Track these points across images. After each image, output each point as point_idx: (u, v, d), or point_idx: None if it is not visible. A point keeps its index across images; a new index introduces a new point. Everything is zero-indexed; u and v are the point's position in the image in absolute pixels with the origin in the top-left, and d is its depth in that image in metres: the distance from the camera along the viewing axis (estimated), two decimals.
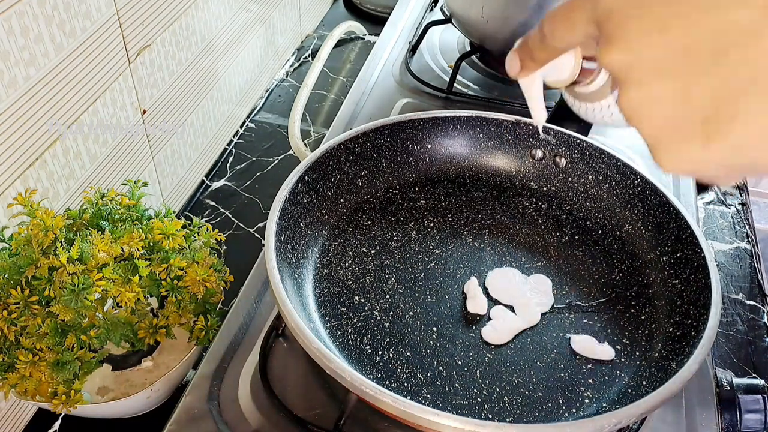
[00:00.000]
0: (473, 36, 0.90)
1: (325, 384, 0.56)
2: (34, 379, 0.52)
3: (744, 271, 0.77)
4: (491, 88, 0.92)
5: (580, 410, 0.51)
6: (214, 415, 0.54)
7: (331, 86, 1.07)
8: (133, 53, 0.70)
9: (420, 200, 0.67)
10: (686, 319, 0.53)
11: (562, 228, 0.65)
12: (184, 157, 0.85)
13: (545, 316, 0.57)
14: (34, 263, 0.53)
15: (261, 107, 1.03)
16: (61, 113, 0.61)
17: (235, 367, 0.57)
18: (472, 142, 0.69)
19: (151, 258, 0.56)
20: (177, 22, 0.76)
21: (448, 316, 0.57)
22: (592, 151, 0.66)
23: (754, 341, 0.70)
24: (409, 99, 0.88)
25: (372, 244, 0.62)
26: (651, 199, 0.62)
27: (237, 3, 0.89)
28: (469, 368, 0.53)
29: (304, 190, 0.60)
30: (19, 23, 0.54)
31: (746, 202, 0.86)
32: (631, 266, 0.61)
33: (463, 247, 0.63)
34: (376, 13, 1.23)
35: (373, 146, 0.66)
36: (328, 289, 0.58)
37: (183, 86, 0.81)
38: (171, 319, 0.56)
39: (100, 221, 0.58)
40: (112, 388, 0.61)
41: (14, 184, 0.58)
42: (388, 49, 0.98)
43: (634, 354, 0.54)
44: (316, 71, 1.02)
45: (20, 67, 0.55)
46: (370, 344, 0.54)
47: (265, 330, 0.59)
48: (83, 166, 0.66)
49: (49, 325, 0.52)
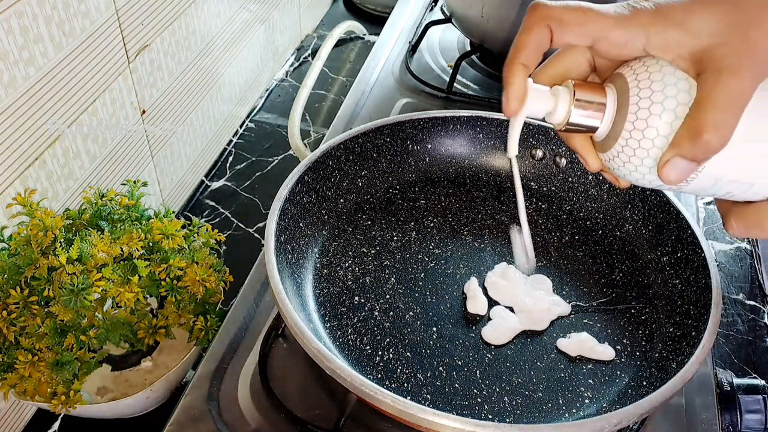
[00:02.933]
0: (473, 36, 0.90)
1: (325, 384, 0.55)
2: (33, 379, 0.52)
3: (744, 271, 0.77)
4: (491, 88, 0.91)
5: (580, 410, 0.51)
6: (213, 415, 0.53)
7: (331, 86, 1.07)
8: (132, 53, 0.70)
9: (420, 200, 0.67)
10: (686, 320, 0.53)
11: (562, 228, 0.65)
12: (184, 157, 0.85)
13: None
14: (34, 263, 0.53)
15: (261, 107, 1.03)
16: (61, 113, 0.61)
17: (235, 367, 0.57)
18: (472, 142, 0.69)
19: (151, 258, 0.56)
20: (176, 22, 0.76)
21: (448, 316, 0.57)
22: None
23: (755, 341, 0.70)
24: (409, 99, 0.88)
25: (372, 244, 0.62)
26: (651, 199, 0.62)
27: (237, 2, 0.89)
28: (469, 368, 0.53)
29: (304, 190, 0.60)
30: (19, 23, 0.54)
31: None
32: (631, 266, 0.61)
33: (463, 247, 0.63)
34: (376, 12, 1.23)
35: (373, 146, 0.66)
36: (328, 289, 0.58)
37: (182, 86, 0.81)
38: (170, 319, 0.56)
39: (100, 221, 0.58)
40: (112, 388, 0.61)
41: (14, 184, 0.58)
42: (387, 49, 0.97)
43: (634, 354, 0.54)
44: (316, 71, 1.02)
45: (20, 66, 0.55)
46: (370, 344, 0.54)
47: (264, 330, 0.59)
48: (83, 166, 0.66)
49: (48, 326, 0.52)
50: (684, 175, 0.36)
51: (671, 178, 0.36)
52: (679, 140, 0.35)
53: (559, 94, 0.39)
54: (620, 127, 0.38)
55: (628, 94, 0.37)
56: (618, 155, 0.39)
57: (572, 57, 0.40)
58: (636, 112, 0.37)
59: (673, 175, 0.36)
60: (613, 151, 0.39)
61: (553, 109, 0.39)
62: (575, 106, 0.39)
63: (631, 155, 0.38)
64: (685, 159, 0.35)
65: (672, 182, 0.36)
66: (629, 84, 0.37)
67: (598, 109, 0.39)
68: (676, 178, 0.36)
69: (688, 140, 0.34)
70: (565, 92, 0.39)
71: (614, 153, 0.39)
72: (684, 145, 0.35)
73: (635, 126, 0.37)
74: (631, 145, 0.37)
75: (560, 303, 0.57)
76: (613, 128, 0.39)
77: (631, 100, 0.37)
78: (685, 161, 0.35)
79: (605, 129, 0.39)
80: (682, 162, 0.35)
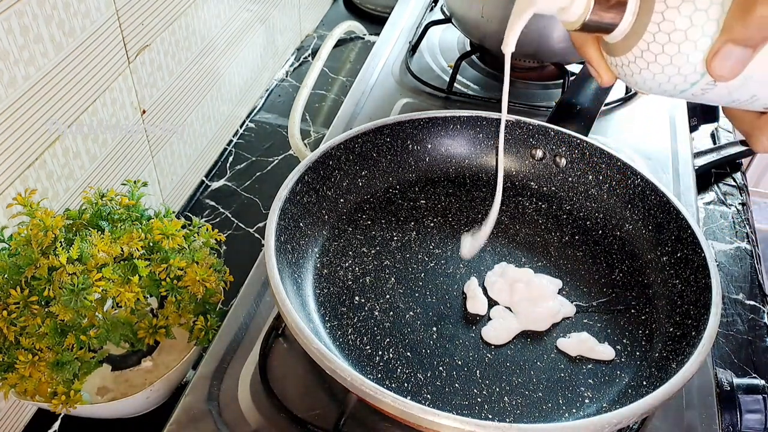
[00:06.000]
0: (473, 36, 0.90)
1: (325, 384, 0.55)
2: (33, 379, 0.52)
3: (744, 271, 0.77)
4: (491, 88, 0.91)
5: (580, 410, 0.51)
6: (213, 415, 0.54)
7: (331, 86, 1.07)
8: (132, 53, 0.70)
9: (420, 200, 0.67)
10: (686, 319, 0.53)
11: (562, 228, 0.65)
12: (184, 157, 0.85)
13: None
14: (34, 263, 0.53)
15: (261, 107, 1.03)
16: (61, 113, 0.61)
17: (235, 367, 0.57)
18: (472, 142, 0.69)
19: (151, 258, 0.56)
20: (177, 22, 0.76)
21: (448, 316, 0.57)
22: (592, 151, 0.66)
23: (755, 341, 0.70)
24: (409, 99, 0.88)
25: (372, 244, 0.62)
26: (651, 199, 0.62)
27: (237, 2, 0.89)
28: (469, 368, 0.53)
29: (304, 190, 0.60)
30: (19, 23, 0.54)
31: (746, 202, 0.86)
32: (631, 266, 0.61)
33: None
34: (376, 12, 1.23)
35: (373, 146, 0.66)
36: (328, 289, 0.58)
37: (183, 86, 0.81)
38: (171, 319, 0.56)
39: (100, 221, 0.58)
40: (112, 388, 0.61)
41: (14, 184, 0.58)
42: (388, 49, 0.97)
43: (634, 354, 0.54)
44: (316, 71, 1.02)
45: (20, 66, 0.55)
46: (370, 344, 0.54)
47: (265, 330, 0.59)
48: (83, 166, 0.66)
49: (48, 325, 0.52)
50: (738, 67, 0.31)
51: (725, 72, 0.31)
52: (730, 22, 0.31)
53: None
54: (645, 20, 0.33)
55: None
56: (641, 56, 0.34)
57: None
58: (665, 1, 0.32)
59: (728, 67, 0.31)
60: (634, 51, 0.34)
61: (569, 2, 0.35)
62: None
63: (658, 53, 0.33)
64: (739, 44, 0.30)
65: (723, 77, 0.32)
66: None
67: (621, 2, 0.34)
68: (731, 70, 0.31)
69: (739, 19, 0.30)
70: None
71: (635, 54, 0.34)
72: (736, 27, 0.30)
73: (665, 17, 0.32)
74: (660, 40, 0.33)
75: (565, 304, 0.57)
76: (636, 23, 0.34)
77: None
78: (738, 48, 0.31)
79: (627, 25, 0.35)
80: (735, 49, 0.31)
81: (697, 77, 0.34)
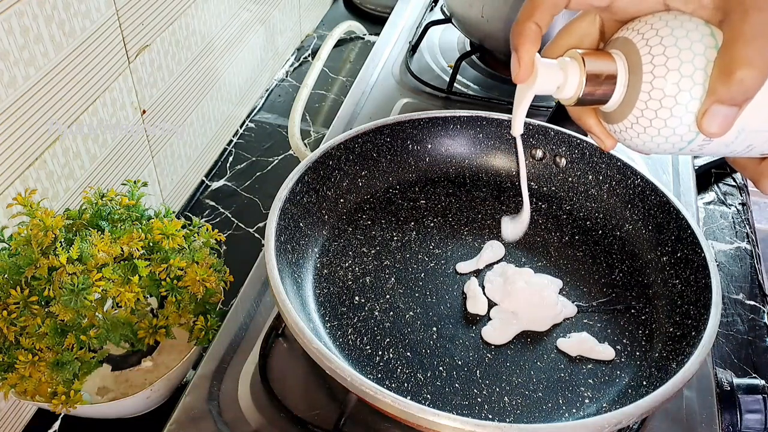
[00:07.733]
0: (473, 36, 0.90)
1: (325, 384, 0.55)
2: (33, 379, 0.52)
3: (744, 271, 0.77)
4: (491, 88, 0.91)
5: (580, 410, 0.51)
6: (214, 415, 0.54)
7: (331, 86, 1.07)
8: (132, 53, 0.70)
9: (420, 200, 0.67)
10: (686, 319, 0.53)
11: (562, 228, 0.65)
12: (184, 157, 0.85)
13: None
14: (34, 263, 0.53)
15: (261, 107, 1.03)
16: (61, 113, 0.61)
17: (235, 367, 0.57)
18: (472, 142, 0.69)
19: (151, 258, 0.56)
20: (177, 22, 0.76)
21: (448, 316, 0.57)
22: (592, 151, 0.66)
23: (755, 341, 0.70)
24: (409, 99, 0.88)
25: (372, 244, 0.62)
26: (651, 199, 0.62)
27: (237, 3, 0.89)
28: (469, 368, 0.53)
29: (304, 190, 0.60)
30: (19, 23, 0.54)
31: (746, 202, 0.86)
32: (631, 266, 0.61)
33: (463, 247, 0.63)
34: (376, 12, 1.23)
35: (373, 146, 0.66)
36: (328, 289, 0.58)
37: (183, 86, 0.81)
38: (171, 319, 0.56)
39: (100, 221, 0.58)
40: (112, 388, 0.61)
41: (14, 184, 0.58)
42: (388, 49, 0.98)
43: (634, 354, 0.54)
44: (316, 71, 1.02)
45: (20, 66, 0.55)
46: (370, 344, 0.54)
47: (265, 330, 0.59)
48: (83, 166, 0.66)
49: (48, 325, 0.52)
50: (727, 124, 0.34)
51: (714, 129, 0.34)
52: (714, 85, 0.33)
53: (568, 66, 0.37)
54: (636, 90, 0.36)
55: (638, 55, 0.35)
56: (636, 122, 0.36)
57: (583, 26, 0.39)
58: (652, 71, 0.35)
59: (716, 125, 0.33)
60: (629, 119, 0.37)
61: (563, 82, 0.37)
62: (587, 76, 0.37)
63: (653, 118, 0.35)
64: (724, 104, 0.33)
65: (715, 134, 0.34)
66: (637, 44, 0.35)
67: (610, 77, 0.37)
68: (719, 128, 0.34)
69: (722, 83, 0.33)
70: (574, 63, 0.37)
71: (631, 121, 0.37)
72: (719, 90, 0.33)
73: (654, 85, 0.35)
74: (652, 106, 0.35)
75: (566, 304, 0.57)
76: (627, 94, 0.37)
77: (643, 60, 0.35)
78: (724, 107, 0.33)
79: (619, 96, 0.37)
80: (722, 108, 0.33)
81: (693, 135, 0.36)
